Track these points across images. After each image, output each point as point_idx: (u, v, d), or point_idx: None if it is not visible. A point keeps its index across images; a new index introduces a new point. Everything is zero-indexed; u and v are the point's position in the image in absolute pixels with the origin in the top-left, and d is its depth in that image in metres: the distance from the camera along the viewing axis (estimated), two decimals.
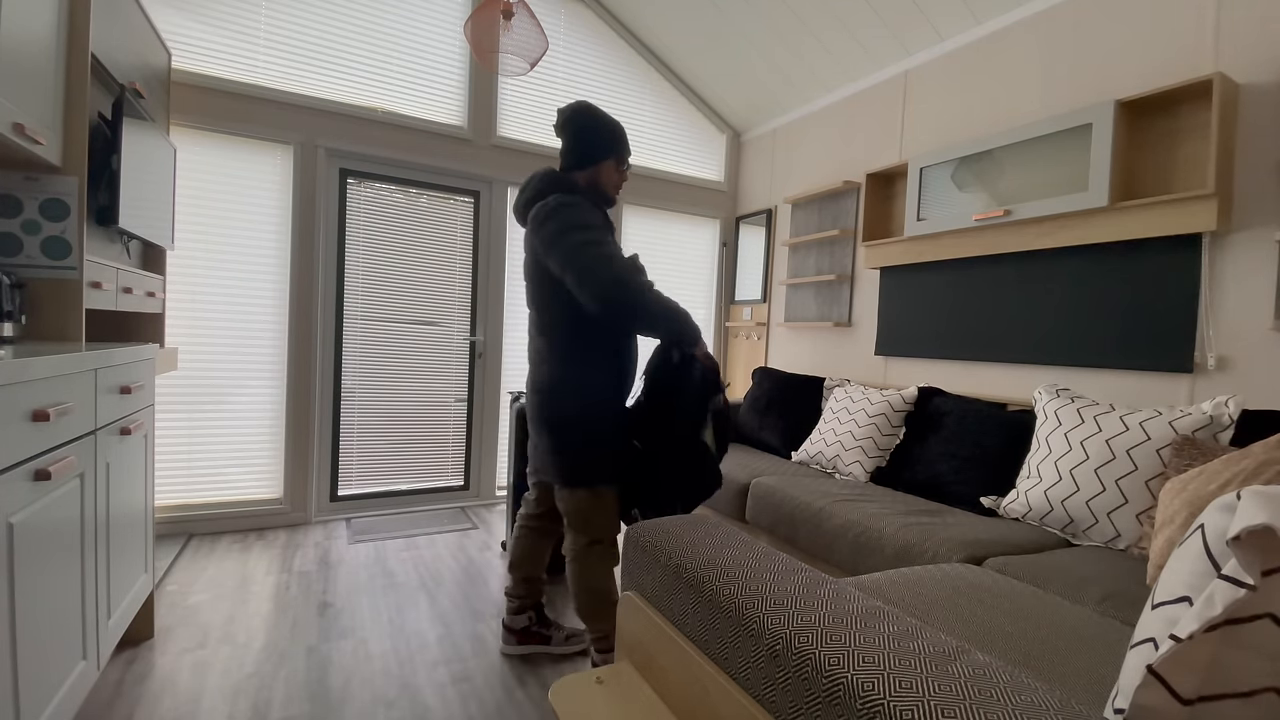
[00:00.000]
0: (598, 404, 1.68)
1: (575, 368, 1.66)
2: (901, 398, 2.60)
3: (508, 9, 2.16)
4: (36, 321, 1.59)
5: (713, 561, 0.90)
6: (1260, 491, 0.52)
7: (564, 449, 1.67)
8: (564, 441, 1.67)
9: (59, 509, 1.21)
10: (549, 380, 1.69)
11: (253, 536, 2.85)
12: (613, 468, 1.70)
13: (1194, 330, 1.97)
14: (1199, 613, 0.50)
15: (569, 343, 1.66)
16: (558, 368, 1.68)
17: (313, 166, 2.99)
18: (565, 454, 1.67)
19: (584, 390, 1.67)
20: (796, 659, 0.68)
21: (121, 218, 1.83)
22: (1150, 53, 2.11)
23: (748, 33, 3.33)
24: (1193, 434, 1.69)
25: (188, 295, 2.77)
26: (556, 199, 1.60)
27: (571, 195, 1.63)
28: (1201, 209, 1.88)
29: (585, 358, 1.67)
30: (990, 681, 0.59)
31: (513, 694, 1.70)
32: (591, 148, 1.71)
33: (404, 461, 3.35)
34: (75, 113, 1.60)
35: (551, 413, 1.68)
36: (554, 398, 1.68)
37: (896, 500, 2.15)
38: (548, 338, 1.69)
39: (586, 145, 1.71)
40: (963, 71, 2.74)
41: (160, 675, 1.71)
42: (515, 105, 3.52)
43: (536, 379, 1.73)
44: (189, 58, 2.73)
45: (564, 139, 1.72)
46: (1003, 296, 2.52)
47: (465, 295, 3.45)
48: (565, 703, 0.96)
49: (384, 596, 2.28)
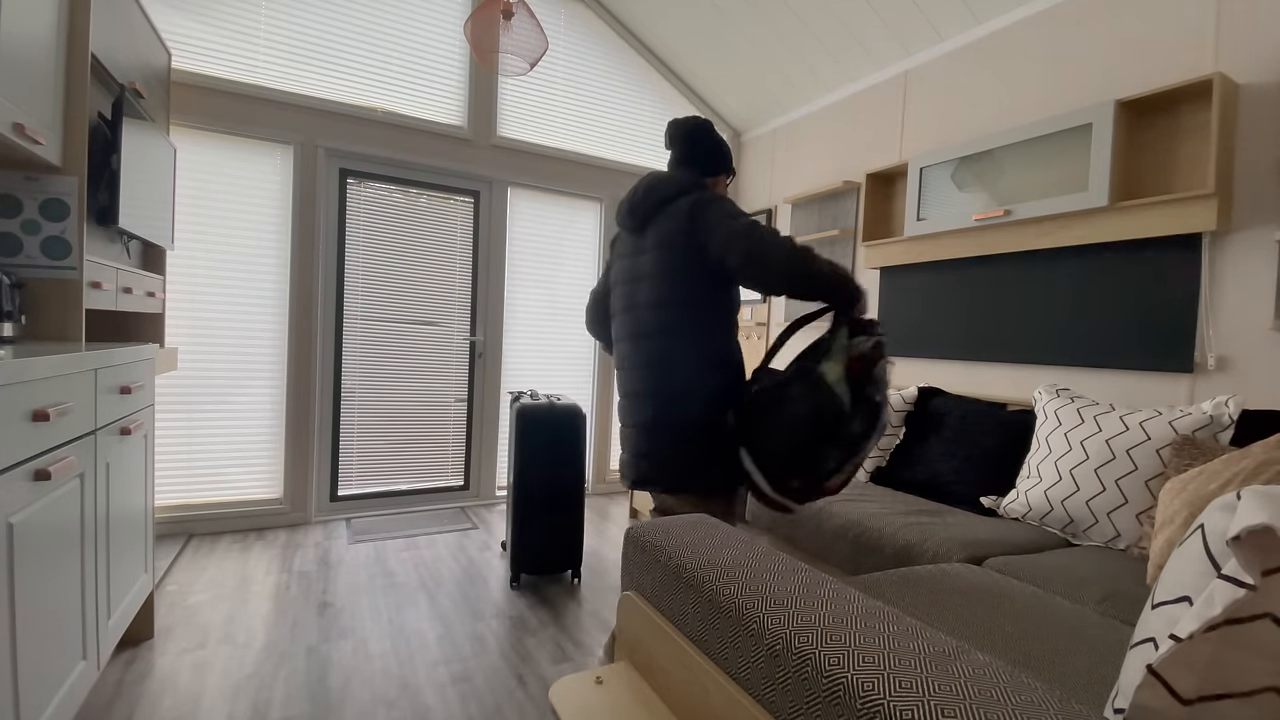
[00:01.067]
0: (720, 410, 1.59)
1: (707, 371, 1.58)
2: (901, 398, 2.60)
3: (508, 9, 2.16)
4: (36, 321, 1.59)
5: (713, 561, 0.90)
6: (1260, 491, 0.52)
7: (697, 457, 1.56)
8: (696, 450, 1.56)
9: (59, 509, 1.21)
10: (679, 385, 1.57)
11: (253, 536, 2.85)
12: (738, 470, 1.58)
13: (1194, 330, 1.97)
14: (1199, 613, 0.50)
15: (700, 345, 1.58)
16: (691, 371, 1.57)
17: (313, 166, 2.99)
18: (699, 462, 1.56)
19: (713, 395, 1.58)
20: (796, 659, 0.68)
21: (121, 218, 1.83)
22: (1150, 53, 2.11)
23: (748, 33, 3.33)
24: (1193, 434, 1.69)
25: (188, 295, 2.77)
26: (709, 193, 1.60)
27: (713, 192, 1.62)
28: (1201, 209, 1.87)
29: (716, 360, 1.60)
30: (990, 681, 0.59)
31: (513, 694, 1.70)
32: (715, 161, 1.73)
33: (404, 461, 3.35)
34: (75, 113, 1.60)
35: (683, 419, 1.57)
36: (684, 404, 1.57)
37: (896, 500, 2.15)
38: (676, 339, 1.58)
39: (711, 158, 1.73)
40: (963, 71, 2.74)
41: (160, 675, 1.71)
42: (515, 105, 3.52)
43: (657, 385, 1.59)
44: (189, 58, 2.73)
45: (684, 148, 1.72)
46: (1003, 296, 2.52)
47: (465, 295, 3.45)
48: (565, 702, 0.96)
49: (384, 596, 2.28)
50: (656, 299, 1.61)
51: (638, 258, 1.66)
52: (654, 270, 1.62)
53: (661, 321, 1.60)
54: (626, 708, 0.93)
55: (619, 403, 1.71)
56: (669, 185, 1.65)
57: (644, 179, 1.69)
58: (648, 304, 1.63)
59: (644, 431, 1.61)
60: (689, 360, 1.58)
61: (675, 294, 1.59)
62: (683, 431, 1.57)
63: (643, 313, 1.64)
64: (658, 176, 1.68)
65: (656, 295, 1.61)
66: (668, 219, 1.61)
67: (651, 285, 1.63)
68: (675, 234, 1.58)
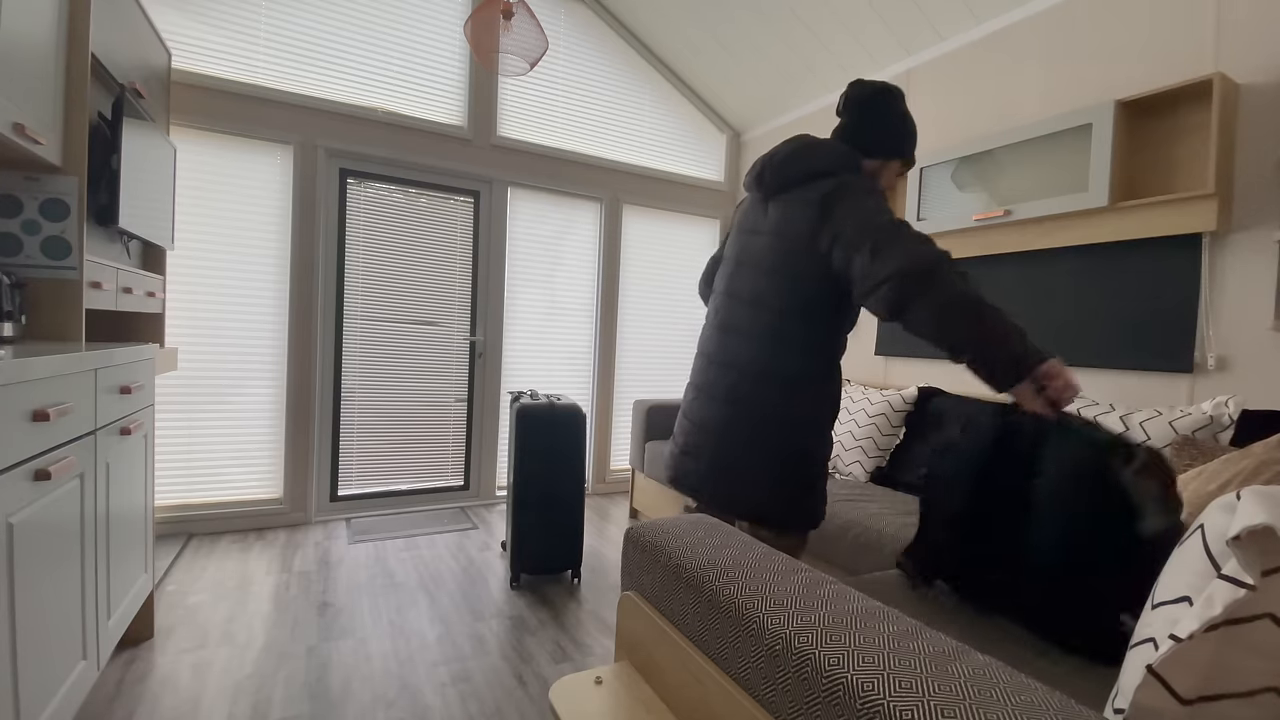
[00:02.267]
0: (823, 437, 1.38)
1: (812, 386, 1.35)
2: (901, 398, 2.60)
3: (508, 9, 2.16)
4: (36, 321, 1.59)
5: (713, 561, 0.90)
6: (1260, 491, 0.52)
7: (785, 485, 1.35)
8: (788, 478, 1.35)
9: (59, 509, 1.21)
10: (778, 401, 1.34)
11: (253, 536, 2.85)
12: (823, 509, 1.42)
13: (1194, 330, 1.97)
14: (1199, 613, 0.50)
15: (809, 358, 1.34)
16: (797, 387, 1.34)
17: (313, 166, 2.99)
18: (786, 491, 1.35)
19: (818, 422, 1.36)
20: (796, 659, 0.68)
21: (121, 218, 1.83)
22: (1150, 53, 2.11)
23: (748, 33, 3.33)
24: (1193, 434, 1.69)
25: (188, 295, 2.77)
26: (858, 179, 1.31)
27: (866, 180, 1.33)
28: (1201, 209, 1.87)
29: (823, 374, 1.36)
30: (990, 681, 0.59)
31: (513, 694, 1.70)
32: (890, 140, 1.40)
33: (404, 461, 3.35)
34: (75, 113, 1.60)
35: (780, 442, 1.34)
36: (783, 426, 1.34)
37: (896, 500, 2.15)
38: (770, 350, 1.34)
39: (886, 135, 1.40)
40: (963, 71, 2.74)
41: (160, 675, 1.71)
42: (515, 105, 3.52)
43: (750, 393, 1.35)
44: (189, 58, 2.72)
45: (854, 116, 1.40)
46: (1003, 296, 2.52)
47: (465, 295, 3.45)
48: (565, 702, 0.96)
49: (384, 596, 2.28)
50: (757, 296, 1.35)
51: (754, 237, 1.39)
52: (762, 259, 1.35)
53: (760, 326, 1.35)
54: (626, 708, 0.93)
55: (690, 394, 1.47)
56: (814, 156, 1.34)
57: (789, 141, 1.38)
58: (748, 298, 1.37)
59: (714, 443, 1.39)
60: (779, 380, 1.33)
61: (782, 299, 1.32)
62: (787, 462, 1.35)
63: (739, 306, 1.39)
64: (805, 142, 1.37)
65: (757, 292, 1.35)
66: (798, 202, 1.31)
67: (755, 277, 1.36)
68: (800, 223, 1.29)
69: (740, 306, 1.39)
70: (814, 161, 1.34)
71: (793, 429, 1.34)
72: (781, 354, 1.33)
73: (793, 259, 1.31)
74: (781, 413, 1.33)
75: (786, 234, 1.32)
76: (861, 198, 1.24)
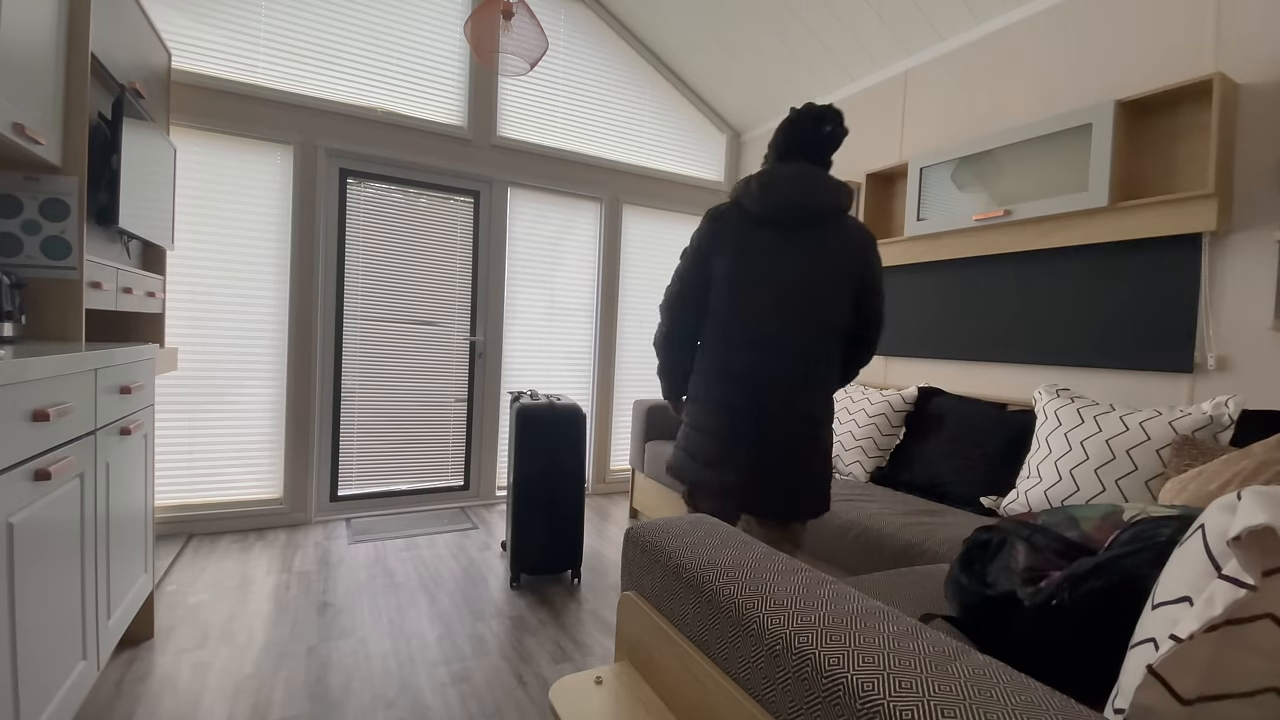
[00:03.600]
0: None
1: (830, 393, 1.57)
2: (901, 398, 2.60)
3: (508, 9, 2.16)
4: (36, 321, 1.59)
5: (713, 561, 0.90)
6: (1261, 491, 0.52)
7: (820, 483, 1.55)
8: (823, 477, 1.56)
9: (59, 509, 1.21)
10: (821, 410, 1.53)
11: (253, 536, 2.85)
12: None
13: (1194, 330, 1.97)
14: (1199, 613, 0.50)
15: (834, 370, 1.57)
16: (826, 397, 1.55)
17: (313, 166, 2.99)
18: (820, 488, 1.55)
19: (826, 433, 1.58)
20: (796, 659, 0.68)
21: (121, 218, 1.83)
22: (1150, 53, 2.11)
23: (748, 33, 3.33)
24: (1193, 434, 1.69)
25: (188, 295, 2.77)
26: (870, 234, 1.58)
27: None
28: (1201, 209, 1.87)
29: (831, 400, 1.60)
30: (990, 681, 0.59)
31: (512, 694, 1.70)
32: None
33: (404, 461, 3.35)
34: (75, 113, 1.60)
35: (824, 446, 1.55)
36: (825, 430, 1.55)
37: (896, 500, 2.15)
38: (827, 363, 1.53)
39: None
40: (963, 71, 2.74)
41: (160, 675, 1.71)
42: (515, 105, 3.52)
43: (806, 408, 1.51)
44: (189, 58, 2.72)
45: (828, 151, 1.55)
46: (1003, 296, 2.52)
47: (465, 295, 3.45)
48: (565, 702, 0.96)
49: (384, 596, 2.28)
50: (825, 325, 1.51)
51: (791, 260, 1.49)
52: (814, 286, 1.49)
53: (827, 351, 1.53)
54: (626, 708, 0.93)
55: (729, 412, 1.52)
56: (831, 193, 1.49)
57: (794, 170, 1.50)
58: (820, 327, 1.51)
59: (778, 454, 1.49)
60: (826, 392, 1.54)
61: (832, 321, 1.51)
62: (824, 463, 1.55)
63: (806, 333, 1.50)
64: (816, 176, 1.49)
65: (825, 323, 1.51)
66: (838, 239, 1.50)
67: (810, 300, 1.49)
68: (849, 263, 1.50)
69: (797, 329, 1.50)
70: (834, 197, 1.51)
71: (829, 433, 1.58)
72: (830, 369, 1.55)
73: (845, 292, 1.52)
74: (826, 419, 1.55)
75: (840, 271, 1.51)
76: (879, 255, 1.59)
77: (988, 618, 0.93)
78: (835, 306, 1.51)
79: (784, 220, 1.50)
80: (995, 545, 1.00)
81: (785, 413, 1.48)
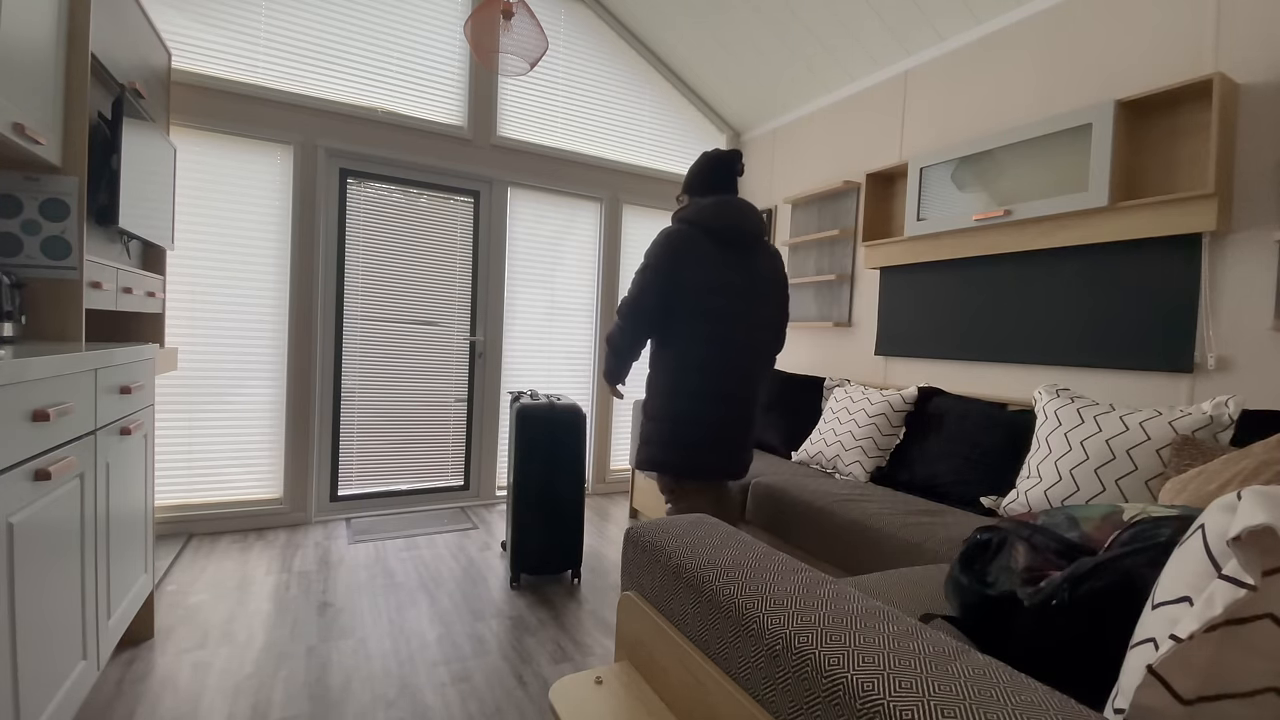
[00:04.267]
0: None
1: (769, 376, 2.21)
2: (901, 398, 2.60)
3: (508, 9, 2.16)
4: (36, 321, 1.59)
5: (713, 561, 0.90)
6: (1261, 491, 0.52)
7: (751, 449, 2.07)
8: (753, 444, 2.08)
9: (59, 509, 1.21)
10: (763, 391, 2.05)
11: (253, 536, 2.85)
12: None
13: (1194, 330, 1.97)
14: (1199, 613, 0.50)
15: (774, 358, 2.10)
16: (767, 380, 2.14)
17: (313, 166, 2.99)
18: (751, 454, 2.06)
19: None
20: (796, 659, 0.68)
21: (121, 218, 1.83)
22: (1150, 53, 2.11)
23: (748, 33, 3.33)
24: (1193, 434, 1.69)
25: (188, 295, 2.77)
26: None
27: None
28: (1201, 209, 1.87)
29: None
30: (990, 681, 0.59)
31: (512, 694, 1.70)
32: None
33: (404, 461, 3.35)
34: (75, 113, 1.60)
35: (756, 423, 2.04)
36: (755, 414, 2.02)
37: (896, 500, 2.15)
38: (767, 353, 2.03)
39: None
40: (963, 71, 2.74)
41: (160, 675, 1.71)
42: (515, 105, 3.52)
43: (758, 391, 1.98)
44: (189, 58, 2.72)
45: (735, 183, 1.99)
46: (1003, 296, 2.52)
47: (465, 295, 3.45)
48: (565, 702, 0.96)
49: (384, 596, 2.28)
50: (767, 323, 1.98)
51: (740, 271, 1.88)
52: (768, 298, 1.96)
53: (769, 345, 2.02)
54: (626, 708, 0.93)
55: (711, 401, 1.89)
56: (759, 219, 1.95)
57: (733, 200, 1.92)
58: (765, 325, 1.96)
59: (745, 431, 1.95)
60: (768, 377, 2.11)
61: (770, 319, 1.99)
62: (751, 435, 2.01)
63: (757, 331, 1.93)
64: (748, 205, 1.94)
65: (767, 321, 1.97)
66: (770, 258, 1.98)
67: (766, 310, 1.95)
68: (779, 276, 2.00)
69: (761, 331, 1.95)
70: (760, 222, 1.95)
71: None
72: (771, 357, 2.06)
73: (780, 301, 2.02)
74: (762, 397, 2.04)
75: (776, 282, 1.99)
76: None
77: (988, 618, 0.93)
78: (771, 307, 1.98)
79: (734, 240, 1.88)
80: (995, 545, 1.01)
81: (749, 398, 1.93)
